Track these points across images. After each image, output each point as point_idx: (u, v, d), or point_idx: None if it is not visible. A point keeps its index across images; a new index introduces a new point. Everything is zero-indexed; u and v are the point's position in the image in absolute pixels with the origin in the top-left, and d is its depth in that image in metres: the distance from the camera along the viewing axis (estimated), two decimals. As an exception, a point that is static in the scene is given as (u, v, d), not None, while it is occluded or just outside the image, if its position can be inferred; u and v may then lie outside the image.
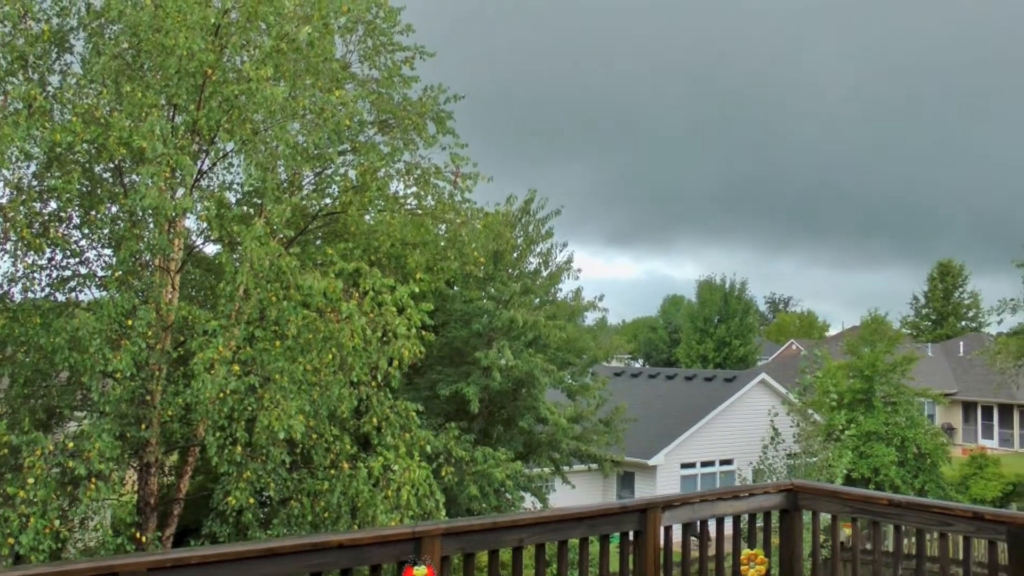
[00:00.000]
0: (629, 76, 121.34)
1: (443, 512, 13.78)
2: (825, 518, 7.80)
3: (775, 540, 7.72)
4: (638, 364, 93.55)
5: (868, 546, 7.88)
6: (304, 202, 15.64)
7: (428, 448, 14.42)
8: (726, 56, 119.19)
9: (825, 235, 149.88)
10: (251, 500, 12.71)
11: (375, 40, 15.25)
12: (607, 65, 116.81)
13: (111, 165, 13.85)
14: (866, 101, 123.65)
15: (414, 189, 16.30)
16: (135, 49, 13.00)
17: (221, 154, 14.26)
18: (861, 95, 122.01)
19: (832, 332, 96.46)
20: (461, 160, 15.95)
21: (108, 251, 14.32)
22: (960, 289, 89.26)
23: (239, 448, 12.31)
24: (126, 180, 13.88)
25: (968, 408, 63.63)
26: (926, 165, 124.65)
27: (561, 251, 24.04)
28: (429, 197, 16.32)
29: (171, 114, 13.24)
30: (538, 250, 23.82)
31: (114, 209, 14.01)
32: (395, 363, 12.84)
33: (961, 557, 6.89)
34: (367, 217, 16.16)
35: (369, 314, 12.55)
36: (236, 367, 11.91)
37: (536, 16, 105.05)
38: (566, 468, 24.33)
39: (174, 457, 16.42)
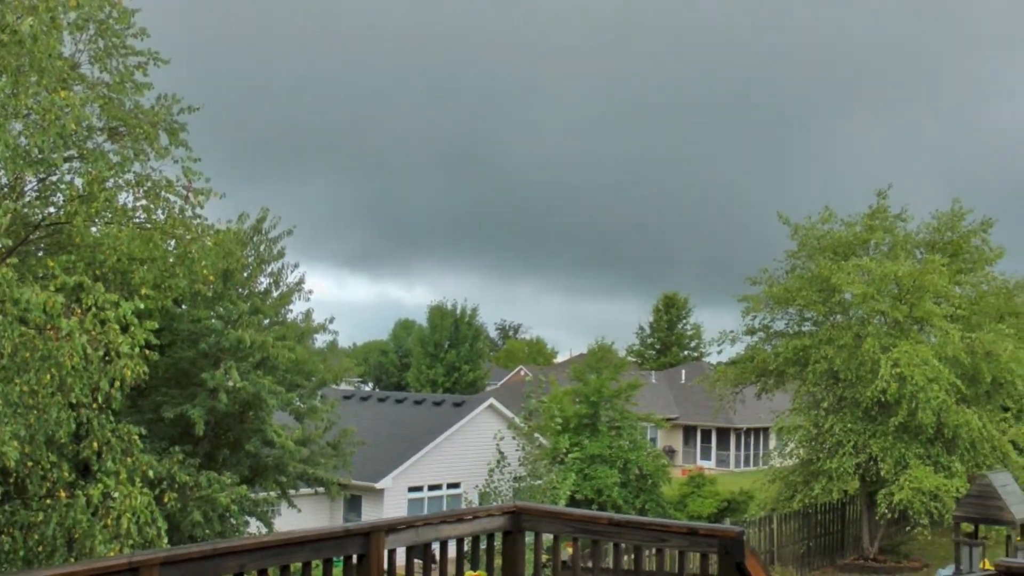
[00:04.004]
0: (367, 96, 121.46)
1: (165, 540, 13.24)
2: (548, 538, 7.99)
3: (498, 561, 7.85)
4: (368, 387, 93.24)
5: (590, 564, 8.05)
6: (26, 210, 14.63)
7: (151, 473, 13.80)
8: (464, 86, 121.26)
9: (557, 265, 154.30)
10: (-44, 537, 11.75)
11: (107, 41, 14.44)
12: (347, 84, 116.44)
13: None
14: (601, 136, 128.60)
15: (144, 202, 15.49)
16: None
17: (-68, 151, 13.19)
18: (595, 129, 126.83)
19: (560, 359, 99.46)
20: (194, 174, 15.35)
21: None
22: (684, 320, 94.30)
23: (-56, 479, 11.34)
24: None
25: (688, 431, 67.09)
26: (656, 201, 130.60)
27: (292, 271, 23.66)
28: (159, 211, 15.57)
29: None
30: (269, 270, 23.38)
31: None
32: (117, 384, 12.20)
33: (677, 570, 7.20)
34: (93, 229, 15.27)
35: (91, 331, 11.84)
36: (-56, 389, 10.99)
37: (279, 30, 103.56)
38: (293, 492, 23.91)
39: None
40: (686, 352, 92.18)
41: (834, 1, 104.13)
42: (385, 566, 6.86)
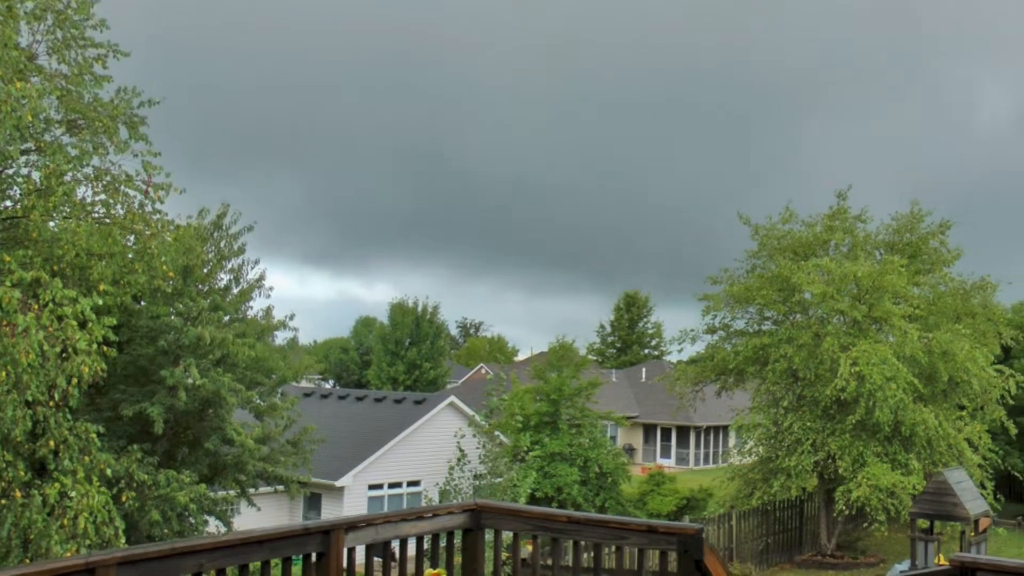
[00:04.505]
0: (330, 92, 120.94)
1: (123, 540, 13.08)
2: (508, 536, 7.98)
3: (458, 559, 7.84)
4: (328, 385, 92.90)
5: (549, 561, 8.07)
6: (-19, 203, 14.45)
7: (108, 472, 13.64)
8: (427, 84, 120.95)
9: (519, 263, 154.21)
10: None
11: (65, 32, 14.25)
12: (310, 80, 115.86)
13: None
14: (564, 134, 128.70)
15: (103, 196, 15.31)
16: None
17: None
18: (558, 127, 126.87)
19: (521, 357, 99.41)
20: (154, 169, 15.19)
21: None
22: (645, 319, 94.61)
23: None
24: None
25: (648, 430, 67.20)
26: (619, 200, 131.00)
27: (253, 268, 23.42)
28: (119, 206, 15.38)
29: None
30: (229, 266, 23.09)
31: None
32: (75, 381, 12.03)
33: (636, 568, 7.21)
34: (51, 223, 15.05)
35: (48, 328, 11.67)
36: None
37: (241, 24, 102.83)
38: (252, 490, 23.67)
39: None
40: (647, 351, 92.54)
41: (801, 3, 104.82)
42: (345, 564, 6.83)
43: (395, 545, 7.40)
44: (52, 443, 12.57)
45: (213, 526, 21.57)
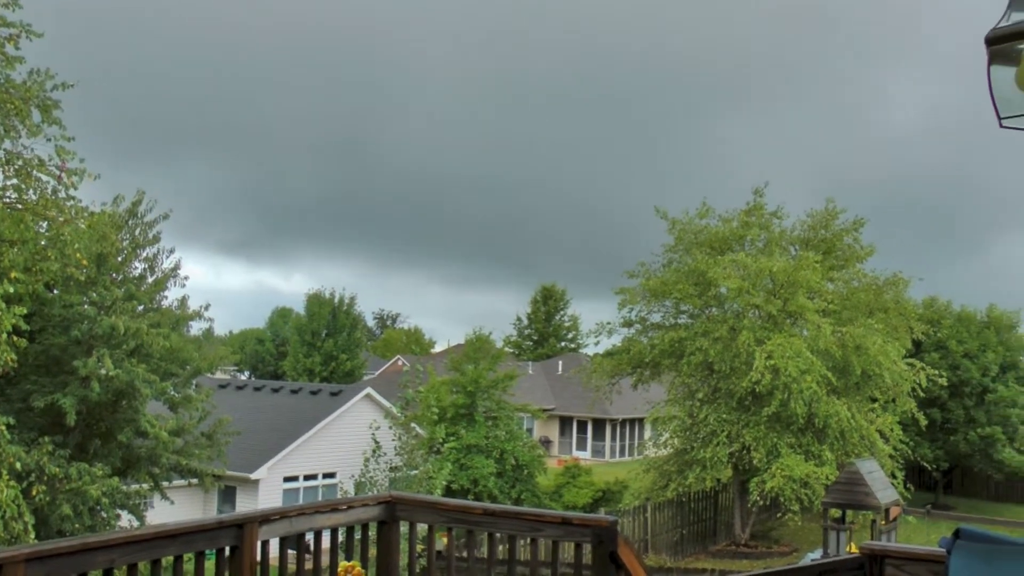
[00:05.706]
0: (247, 80, 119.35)
1: (32, 535, 12.82)
2: (423, 528, 7.98)
3: (373, 551, 7.81)
4: (244, 376, 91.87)
5: (464, 554, 8.06)
6: None
7: (18, 465, 13.36)
8: (346, 72, 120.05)
9: (437, 254, 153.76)
10: None
11: (-25, 11, 13.91)
12: (227, 67, 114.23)
13: None
14: (483, 126, 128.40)
15: (14, 181, 14.97)
16: None
17: None
18: (477, 120, 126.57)
19: (438, 349, 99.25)
20: (67, 154, 14.88)
21: None
22: (561, 312, 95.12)
23: None
24: None
25: (565, 422, 67.50)
26: (538, 193, 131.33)
27: (168, 257, 23.05)
28: (31, 191, 15.04)
29: None
30: (144, 255, 22.71)
31: None
32: (-16, 371, 11.73)
33: (551, 559, 7.28)
34: (-40, 208, 14.69)
35: (-43, 316, 11.36)
36: None
37: (159, 9, 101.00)
38: (166, 483, 23.41)
39: None
40: (563, 343, 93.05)
41: (716, 2, 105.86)
42: (258, 557, 6.72)
43: (309, 537, 7.37)
44: (-40, 435, 12.27)
45: (126, 520, 21.27)
